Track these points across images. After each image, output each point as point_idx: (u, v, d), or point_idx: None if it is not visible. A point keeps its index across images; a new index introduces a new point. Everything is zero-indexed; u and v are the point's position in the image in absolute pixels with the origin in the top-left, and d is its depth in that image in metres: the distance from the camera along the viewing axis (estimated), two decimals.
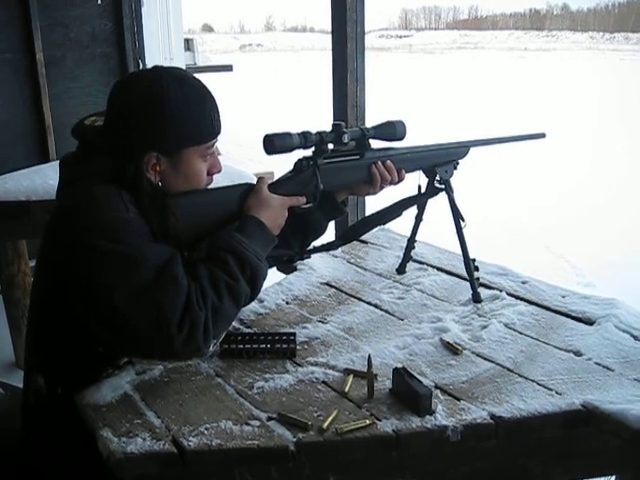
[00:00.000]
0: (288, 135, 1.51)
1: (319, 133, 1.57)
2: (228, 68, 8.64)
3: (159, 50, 5.40)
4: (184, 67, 5.79)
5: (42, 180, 2.88)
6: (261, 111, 14.69)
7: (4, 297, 3.20)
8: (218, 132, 1.46)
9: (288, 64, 33.69)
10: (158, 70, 1.41)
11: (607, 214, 6.72)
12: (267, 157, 1.54)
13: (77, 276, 1.29)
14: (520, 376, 1.40)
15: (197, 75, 1.51)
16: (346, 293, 1.87)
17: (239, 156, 6.74)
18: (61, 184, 1.46)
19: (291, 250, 1.72)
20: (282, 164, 1.67)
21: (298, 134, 1.53)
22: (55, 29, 4.07)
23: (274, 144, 1.49)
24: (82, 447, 1.30)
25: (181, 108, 1.37)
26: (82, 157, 1.44)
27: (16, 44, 3.95)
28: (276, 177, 1.63)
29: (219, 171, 1.51)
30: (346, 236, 1.86)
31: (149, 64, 4.38)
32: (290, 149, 1.52)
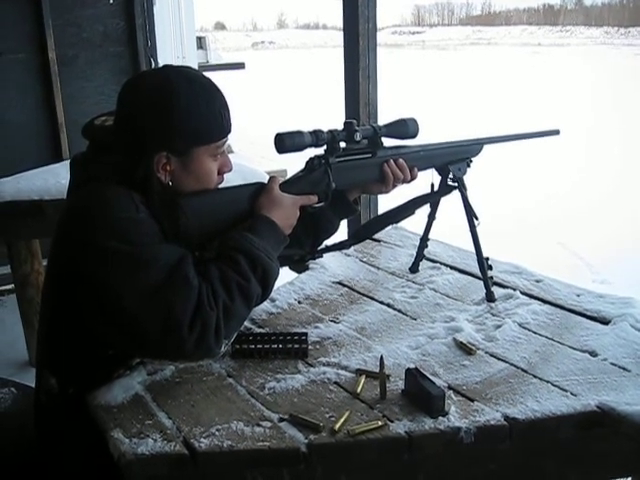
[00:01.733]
0: (299, 134, 1.50)
1: (331, 131, 1.56)
2: (240, 66, 8.66)
3: (171, 49, 5.42)
4: (196, 65, 5.80)
5: (55, 179, 2.90)
6: (274, 109, 14.69)
7: (18, 296, 3.21)
8: (228, 131, 1.45)
9: (300, 61, 33.68)
10: (167, 69, 1.41)
11: (617, 208, 6.66)
12: (280, 155, 1.53)
13: (87, 277, 1.29)
14: (534, 377, 1.39)
15: (209, 73, 1.51)
16: (358, 292, 1.86)
17: (252, 154, 6.73)
18: (71, 184, 1.46)
19: (303, 249, 1.71)
20: (295, 162, 1.66)
21: (310, 132, 1.52)
22: (67, 29, 4.08)
23: (285, 143, 1.48)
24: (93, 447, 1.29)
25: (191, 107, 1.36)
26: (92, 157, 1.44)
27: (29, 44, 3.97)
28: (289, 175, 1.62)
29: (230, 170, 1.51)
30: (358, 235, 1.85)
31: (161, 63, 4.38)
32: (301, 148, 1.51)
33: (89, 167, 1.42)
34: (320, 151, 1.58)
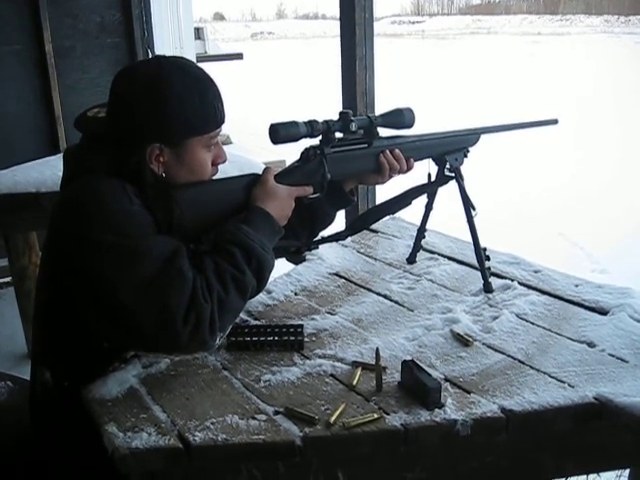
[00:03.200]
0: (294, 124, 1.49)
1: (326, 122, 1.54)
2: (238, 56, 8.65)
3: (169, 39, 5.40)
4: (194, 56, 5.77)
5: (51, 171, 2.88)
6: (273, 99, 14.65)
7: (16, 289, 3.21)
8: (222, 122, 1.44)
9: (300, 52, 33.59)
10: (160, 60, 1.39)
11: (617, 197, 6.64)
12: (277, 146, 1.52)
13: (81, 270, 1.28)
14: (532, 368, 1.38)
15: (207, 64, 1.50)
16: (355, 283, 1.85)
17: (251, 145, 6.71)
18: (64, 177, 1.44)
19: (299, 241, 1.70)
20: (295, 152, 1.64)
21: (304, 123, 1.51)
22: (64, 20, 4.06)
23: (279, 133, 1.47)
24: (89, 441, 1.29)
25: (183, 98, 1.35)
26: (85, 149, 1.43)
27: (25, 35, 3.95)
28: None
29: (224, 161, 1.49)
30: (355, 226, 1.84)
31: (158, 53, 4.37)
32: (296, 138, 1.50)
33: (82, 159, 1.41)
34: (315, 142, 1.57)
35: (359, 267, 1.96)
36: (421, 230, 1.94)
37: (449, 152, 1.75)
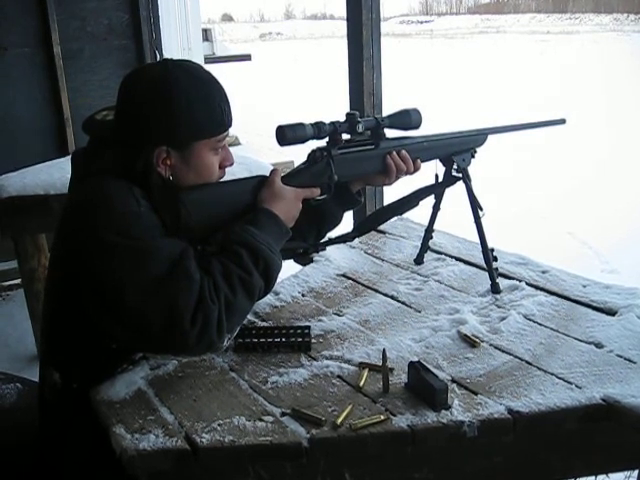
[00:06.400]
0: (301, 126, 1.49)
1: (333, 123, 1.55)
2: (247, 57, 8.64)
3: (177, 41, 5.41)
4: (202, 57, 5.79)
5: (60, 174, 2.89)
6: (281, 100, 14.65)
7: (25, 291, 3.22)
8: (229, 125, 1.44)
9: (308, 52, 33.59)
10: (167, 63, 1.40)
11: (626, 195, 6.61)
12: (285, 147, 1.52)
13: (89, 272, 1.29)
14: (539, 369, 1.37)
15: (216, 65, 1.50)
16: (363, 285, 1.85)
17: (259, 146, 6.73)
18: (72, 179, 1.45)
19: (306, 242, 1.70)
20: (303, 153, 1.64)
21: (311, 124, 1.51)
22: (72, 22, 4.08)
23: (286, 135, 1.47)
24: (97, 443, 1.29)
25: (190, 101, 1.35)
26: (93, 152, 1.43)
27: (33, 38, 3.97)
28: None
29: (231, 164, 1.50)
30: (362, 227, 1.85)
31: (167, 55, 4.38)
32: (303, 140, 1.50)
33: (90, 162, 1.42)
34: (322, 143, 1.57)
35: (366, 268, 1.96)
36: (428, 231, 1.94)
37: (456, 153, 1.74)
